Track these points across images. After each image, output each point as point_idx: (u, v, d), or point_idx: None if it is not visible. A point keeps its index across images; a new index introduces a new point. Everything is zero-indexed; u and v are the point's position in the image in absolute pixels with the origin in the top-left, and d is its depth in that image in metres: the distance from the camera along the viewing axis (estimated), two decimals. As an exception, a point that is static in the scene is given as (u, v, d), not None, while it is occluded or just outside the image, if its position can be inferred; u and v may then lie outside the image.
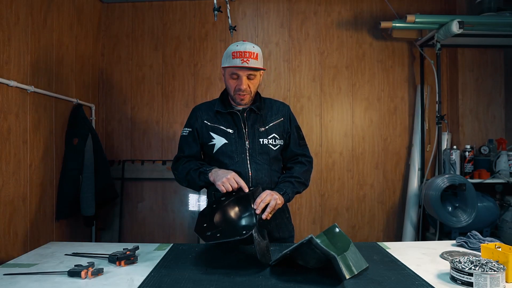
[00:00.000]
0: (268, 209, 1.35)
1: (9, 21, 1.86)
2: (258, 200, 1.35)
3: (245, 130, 1.54)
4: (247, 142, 1.53)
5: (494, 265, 1.07)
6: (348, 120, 3.08)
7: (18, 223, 1.91)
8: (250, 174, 1.52)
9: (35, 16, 2.10)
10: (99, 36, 3.06)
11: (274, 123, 1.60)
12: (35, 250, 1.50)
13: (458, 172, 2.73)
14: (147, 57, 3.09)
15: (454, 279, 1.10)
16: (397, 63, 3.09)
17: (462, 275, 1.07)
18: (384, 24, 2.82)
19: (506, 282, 1.08)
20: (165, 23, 3.10)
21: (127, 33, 3.10)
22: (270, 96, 2.44)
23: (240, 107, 1.59)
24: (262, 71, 1.57)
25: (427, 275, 1.17)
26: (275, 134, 1.58)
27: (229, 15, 2.20)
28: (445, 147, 2.86)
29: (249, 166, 1.52)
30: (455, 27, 2.49)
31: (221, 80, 3.08)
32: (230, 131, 1.55)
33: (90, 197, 2.43)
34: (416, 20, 2.65)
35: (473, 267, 1.06)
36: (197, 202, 2.97)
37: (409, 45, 3.09)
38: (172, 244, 1.54)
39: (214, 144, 1.55)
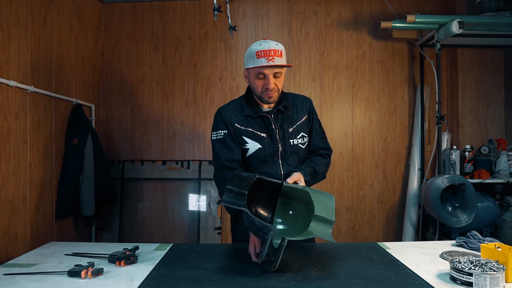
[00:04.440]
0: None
1: (9, 21, 1.86)
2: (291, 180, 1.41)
3: (276, 133, 1.54)
4: (279, 145, 1.54)
5: (493, 265, 1.07)
6: (348, 120, 3.08)
7: (18, 223, 1.91)
8: (282, 174, 1.53)
9: (35, 16, 2.10)
10: (99, 36, 3.06)
11: (300, 121, 1.60)
12: (35, 250, 1.50)
13: (458, 172, 2.73)
14: (147, 57, 3.09)
15: (454, 279, 1.10)
16: (397, 63, 3.09)
17: (462, 275, 1.07)
18: (384, 24, 2.82)
19: (506, 282, 1.08)
20: (165, 23, 3.10)
21: (127, 33, 3.10)
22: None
23: (266, 107, 1.57)
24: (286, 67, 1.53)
25: (427, 275, 1.17)
26: (303, 132, 1.59)
27: (229, 15, 2.20)
28: (445, 147, 2.86)
29: (281, 167, 1.53)
30: (455, 27, 2.49)
31: (221, 80, 3.07)
32: (263, 135, 1.54)
33: (90, 197, 2.43)
34: (416, 20, 2.65)
35: (472, 267, 1.06)
36: (197, 202, 2.97)
37: (409, 45, 3.09)
38: (172, 244, 1.55)
39: (248, 148, 1.54)
